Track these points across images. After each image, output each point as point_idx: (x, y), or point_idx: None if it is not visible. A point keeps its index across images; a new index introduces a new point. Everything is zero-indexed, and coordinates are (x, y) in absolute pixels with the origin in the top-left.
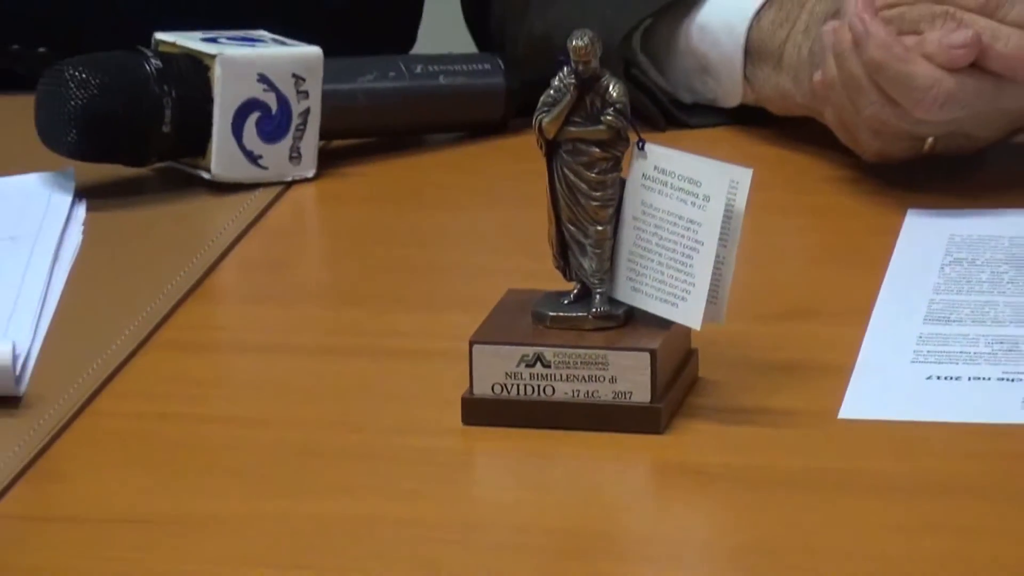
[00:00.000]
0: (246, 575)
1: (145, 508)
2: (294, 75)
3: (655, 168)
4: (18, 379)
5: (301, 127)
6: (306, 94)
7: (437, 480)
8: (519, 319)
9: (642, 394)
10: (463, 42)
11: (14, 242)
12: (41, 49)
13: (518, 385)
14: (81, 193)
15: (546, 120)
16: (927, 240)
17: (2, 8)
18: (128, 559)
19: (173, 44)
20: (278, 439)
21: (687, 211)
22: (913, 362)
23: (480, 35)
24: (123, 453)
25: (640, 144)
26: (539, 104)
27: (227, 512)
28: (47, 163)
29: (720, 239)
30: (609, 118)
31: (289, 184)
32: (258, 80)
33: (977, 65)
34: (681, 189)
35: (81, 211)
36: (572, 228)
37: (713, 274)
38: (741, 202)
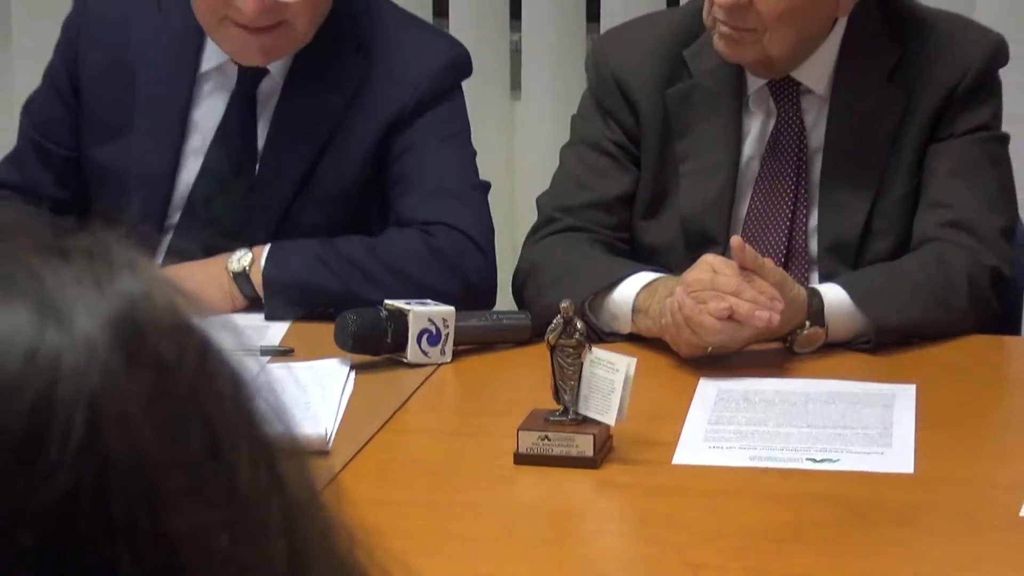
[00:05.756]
0: (412, 529)
1: (381, 496)
2: (443, 318)
3: (595, 357)
4: (327, 443)
5: (445, 340)
6: (447, 326)
7: (500, 487)
8: (539, 420)
9: (589, 452)
10: (511, 303)
11: (322, 387)
12: (330, 310)
13: (538, 447)
14: (353, 366)
15: (550, 337)
16: (709, 389)
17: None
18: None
19: (392, 304)
20: (426, 468)
21: (608, 376)
22: (703, 440)
23: (519, 301)
24: (373, 474)
25: (589, 348)
26: (547, 331)
27: (408, 499)
28: (337, 353)
29: (623, 388)
30: (577, 336)
31: (440, 364)
32: (428, 320)
33: (731, 317)
34: (605, 367)
35: (353, 374)
36: (560, 383)
37: (619, 402)
38: (631, 371)
